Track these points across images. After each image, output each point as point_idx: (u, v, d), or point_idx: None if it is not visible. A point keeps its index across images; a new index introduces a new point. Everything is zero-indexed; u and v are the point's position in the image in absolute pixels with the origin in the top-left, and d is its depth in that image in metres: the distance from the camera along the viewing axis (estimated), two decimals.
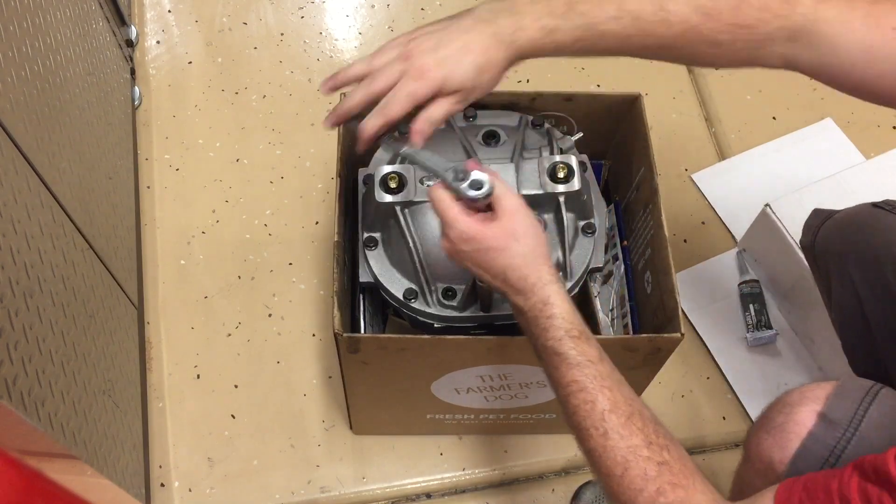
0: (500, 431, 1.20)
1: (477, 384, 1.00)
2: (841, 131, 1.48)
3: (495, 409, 1.09)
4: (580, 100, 1.03)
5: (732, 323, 1.31)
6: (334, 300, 0.87)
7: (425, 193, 0.89)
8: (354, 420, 1.17)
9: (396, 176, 0.89)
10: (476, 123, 1.00)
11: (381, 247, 0.94)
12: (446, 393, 1.03)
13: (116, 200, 1.20)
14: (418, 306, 0.92)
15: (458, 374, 0.97)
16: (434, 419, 1.13)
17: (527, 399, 1.05)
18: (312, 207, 1.38)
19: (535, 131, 0.99)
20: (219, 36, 1.55)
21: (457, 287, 0.91)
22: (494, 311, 0.91)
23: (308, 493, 1.17)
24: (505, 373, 0.97)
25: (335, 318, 0.86)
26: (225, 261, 1.33)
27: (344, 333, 0.86)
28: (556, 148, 0.96)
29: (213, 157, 1.42)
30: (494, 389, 1.02)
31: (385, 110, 0.75)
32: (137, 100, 1.45)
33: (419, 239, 0.90)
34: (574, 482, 1.19)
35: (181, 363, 1.25)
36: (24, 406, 0.70)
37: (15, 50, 0.83)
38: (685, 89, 1.55)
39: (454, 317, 0.91)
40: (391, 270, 0.93)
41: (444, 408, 1.08)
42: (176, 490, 1.16)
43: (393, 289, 0.93)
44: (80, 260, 0.96)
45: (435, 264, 0.90)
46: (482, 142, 0.96)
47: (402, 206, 0.89)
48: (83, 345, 0.92)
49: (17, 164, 0.80)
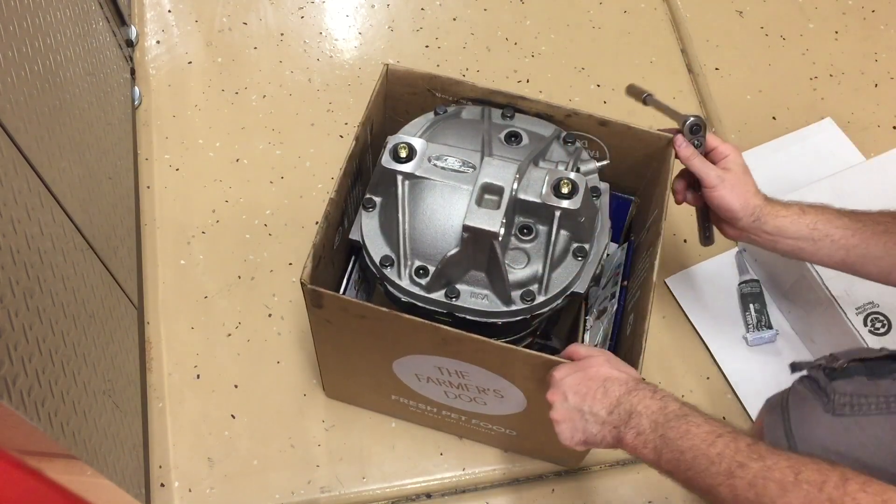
0: (463, 435, 1.20)
1: (436, 375, 1.00)
2: (841, 131, 1.48)
3: (456, 408, 1.09)
4: (614, 128, 1.01)
5: (732, 323, 1.31)
6: (311, 252, 0.89)
7: (429, 171, 0.90)
8: (326, 383, 1.19)
9: (408, 147, 0.90)
10: (510, 123, 1.00)
11: (377, 210, 0.95)
12: (408, 376, 1.03)
13: (116, 200, 1.20)
14: (390, 275, 0.92)
15: (417, 358, 0.97)
16: (399, 402, 1.13)
17: (485, 406, 1.05)
18: (312, 207, 1.38)
19: (564, 147, 0.99)
20: (219, 36, 1.55)
21: (430, 267, 0.91)
22: (459, 301, 0.91)
23: (308, 493, 1.17)
24: (461, 370, 0.96)
25: (305, 269, 0.88)
26: (225, 261, 1.33)
27: (309, 285, 0.87)
28: (576, 167, 0.95)
29: (213, 157, 1.42)
30: (453, 386, 1.02)
31: None
32: (137, 100, 1.45)
33: (410, 212, 0.91)
34: (574, 482, 1.19)
35: (181, 363, 1.25)
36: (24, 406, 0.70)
37: (15, 50, 0.83)
38: (685, 89, 1.55)
39: (419, 295, 0.92)
40: (378, 235, 0.95)
41: (406, 392, 1.09)
42: (176, 490, 1.16)
43: (374, 252, 0.94)
44: (80, 260, 0.96)
45: (417, 239, 0.91)
46: (504, 140, 0.97)
47: (403, 176, 0.90)
48: (83, 345, 0.92)
49: (17, 164, 0.80)
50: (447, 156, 0.91)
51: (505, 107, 1.02)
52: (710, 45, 1.60)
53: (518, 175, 0.89)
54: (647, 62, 1.58)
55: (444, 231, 0.90)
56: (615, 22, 1.63)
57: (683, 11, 1.64)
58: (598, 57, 1.57)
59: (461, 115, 1.01)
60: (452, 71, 1.53)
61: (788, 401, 0.88)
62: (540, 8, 1.63)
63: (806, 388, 0.89)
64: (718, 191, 0.95)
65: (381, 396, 1.15)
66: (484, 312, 0.91)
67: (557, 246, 0.91)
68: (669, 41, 1.61)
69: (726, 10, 1.65)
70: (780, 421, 0.87)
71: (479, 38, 1.58)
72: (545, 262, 0.91)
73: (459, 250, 0.88)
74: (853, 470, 0.66)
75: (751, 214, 0.94)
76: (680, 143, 0.97)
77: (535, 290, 0.91)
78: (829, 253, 0.93)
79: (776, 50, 1.61)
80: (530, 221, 0.91)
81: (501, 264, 0.88)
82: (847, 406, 0.84)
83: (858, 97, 1.55)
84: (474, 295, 0.92)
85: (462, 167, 0.91)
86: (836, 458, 0.80)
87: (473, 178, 0.90)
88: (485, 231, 0.86)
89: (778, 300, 1.31)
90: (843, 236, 0.92)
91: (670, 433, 0.75)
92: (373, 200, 0.95)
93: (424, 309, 0.93)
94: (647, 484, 1.20)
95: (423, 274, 0.91)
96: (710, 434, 0.73)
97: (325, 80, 1.51)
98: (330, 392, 1.22)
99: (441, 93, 1.03)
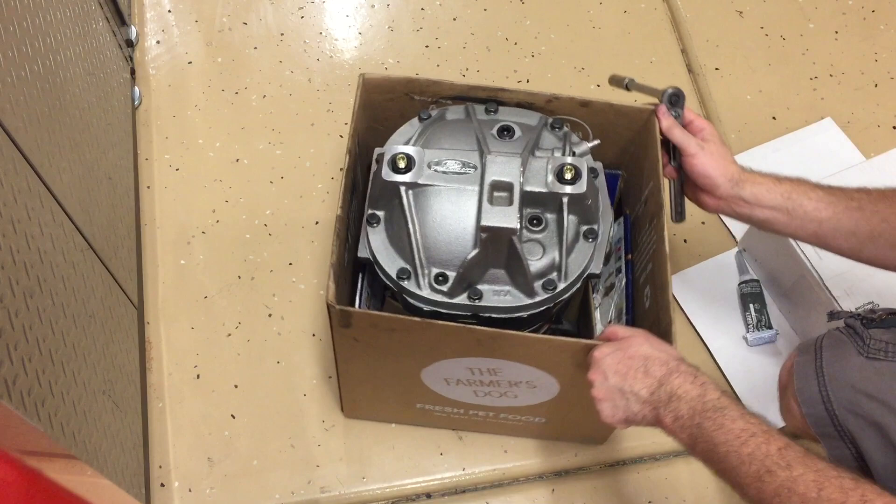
0: (490, 431, 1.20)
1: (466, 376, 1.00)
2: (841, 131, 1.48)
3: (484, 405, 1.09)
4: (596, 107, 1.03)
5: (732, 323, 1.31)
6: (330, 272, 0.88)
7: (431, 177, 0.90)
8: (346, 402, 1.18)
9: (405, 157, 0.90)
10: (496, 118, 1.01)
11: (382, 225, 0.95)
12: (436, 382, 1.03)
13: (116, 200, 1.20)
14: (409, 287, 0.92)
15: (448, 362, 0.97)
16: (424, 409, 1.13)
17: (516, 399, 1.05)
18: (312, 207, 1.38)
19: (553, 133, 0.99)
20: (219, 36, 1.55)
21: (449, 273, 0.91)
22: (483, 302, 0.92)
23: (308, 493, 1.17)
24: (494, 367, 0.97)
25: (329, 290, 0.87)
26: (225, 261, 1.33)
27: (336, 306, 0.87)
28: (570, 151, 0.96)
29: (213, 157, 1.42)
30: (484, 385, 1.02)
31: None
32: (137, 100, 1.45)
33: (419, 221, 0.90)
34: (574, 482, 1.19)
35: (181, 363, 1.25)
36: (24, 406, 0.70)
37: (15, 50, 0.83)
38: (685, 89, 1.54)
39: (443, 302, 0.92)
40: (389, 249, 0.94)
41: (433, 398, 1.08)
42: (176, 490, 1.16)
43: (388, 267, 0.93)
44: (80, 260, 0.96)
45: (431, 248, 0.91)
46: (497, 135, 0.97)
47: (406, 186, 0.90)
48: (83, 345, 0.92)
49: (17, 164, 0.80)
50: (446, 159, 0.91)
51: (487, 101, 1.02)
52: (710, 45, 1.60)
53: (522, 168, 0.90)
54: (647, 62, 1.58)
55: (457, 235, 0.90)
56: (615, 22, 1.63)
57: (683, 11, 1.64)
58: (598, 57, 1.57)
59: (446, 117, 1.01)
60: (452, 71, 1.53)
61: (823, 342, 0.89)
62: (540, 8, 1.63)
63: (842, 332, 0.89)
64: (699, 157, 0.96)
65: (406, 407, 1.14)
66: (509, 308, 0.92)
67: (569, 231, 0.92)
68: (669, 41, 1.61)
69: (726, 10, 1.65)
70: (813, 360, 0.87)
71: (479, 38, 1.58)
72: (560, 249, 0.92)
73: (479, 251, 0.88)
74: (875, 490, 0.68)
75: (729, 180, 0.96)
76: (662, 113, 0.99)
77: (555, 279, 0.92)
78: (802, 224, 0.94)
79: (776, 50, 1.61)
80: (538, 211, 0.92)
81: (523, 258, 0.88)
82: (881, 352, 0.84)
83: (858, 97, 1.55)
84: (496, 293, 0.92)
85: (463, 168, 0.91)
86: (865, 399, 0.82)
87: (477, 178, 0.90)
88: (503, 229, 0.86)
89: (778, 300, 1.31)
90: (816, 208, 0.93)
91: (706, 423, 0.76)
92: (376, 215, 0.95)
93: (448, 315, 0.93)
94: (648, 484, 1.20)
95: (443, 280, 0.91)
96: (744, 432, 0.74)
97: (325, 80, 1.51)
98: (350, 412, 1.20)
99: (420, 95, 1.03)
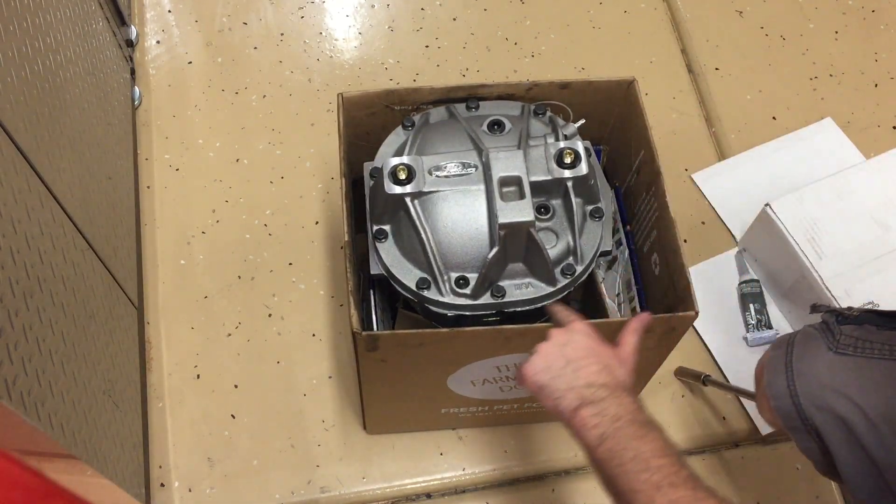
0: (512, 422, 1.20)
1: (493, 375, 1.00)
2: (841, 131, 1.48)
3: (509, 399, 1.09)
4: (576, 87, 1.03)
5: (732, 323, 1.31)
6: (350, 300, 0.87)
7: (434, 184, 0.90)
8: (369, 420, 1.17)
9: (405, 168, 0.90)
10: (479, 114, 1.01)
11: (390, 239, 0.94)
12: (462, 386, 1.03)
13: (116, 200, 1.20)
14: (431, 296, 0.91)
15: (475, 365, 0.97)
16: (449, 413, 1.13)
17: None
18: (312, 207, 1.38)
19: (538, 119, 1.00)
20: (219, 36, 1.55)
21: (469, 276, 0.91)
22: (507, 297, 0.92)
23: (308, 493, 1.17)
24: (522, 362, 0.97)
25: (352, 318, 0.86)
26: (225, 261, 1.33)
27: (363, 332, 0.86)
28: (560, 135, 0.97)
29: (213, 157, 1.42)
30: (510, 379, 1.02)
31: None
32: (137, 100, 1.45)
33: (431, 229, 0.90)
34: (574, 482, 1.19)
35: (181, 363, 1.25)
36: (24, 406, 0.70)
37: (15, 50, 0.83)
38: (685, 89, 1.55)
39: (468, 304, 0.91)
40: (402, 261, 0.94)
41: (459, 401, 1.08)
42: (176, 490, 1.16)
43: (405, 279, 0.93)
44: (80, 260, 0.96)
45: (447, 253, 0.91)
46: (487, 130, 0.97)
47: (412, 196, 0.90)
48: (83, 345, 0.92)
49: (17, 164, 0.80)
50: (445, 163, 0.91)
51: (468, 99, 1.02)
52: (710, 45, 1.60)
53: (526, 160, 0.90)
54: (647, 62, 1.58)
55: (471, 236, 0.90)
56: (615, 22, 1.63)
57: (683, 11, 1.64)
58: (598, 57, 1.57)
59: (430, 121, 1.01)
60: (452, 71, 1.53)
61: (795, 338, 0.88)
62: (540, 8, 1.63)
63: (815, 328, 0.89)
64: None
65: (431, 414, 1.14)
66: (533, 300, 0.92)
67: (578, 214, 0.93)
68: (669, 41, 1.61)
69: (726, 10, 1.65)
70: (783, 355, 0.87)
71: (479, 38, 1.58)
72: (573, 232, 0.92)
73: (499, 249, 0.88)
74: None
75: None
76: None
77: (572, 262, 0.92)
78: None
79: (776, 50, 1.61)
80: (543, 199, 0.92)
81: (542, 248, 0.89)
82: (851, 347, 0.83)
83: (858, 97, 1.55)
84: (518, 287, 0.92)
85: (464, 170, 0.91)
86: (831, 394, 0.81)
87: (480, 177, 0.90)
88: (522, 223, 0.86)
89: (778, 300, 1.31)
90: None
91: (627, 429, 0.73)
92: (383, 231, 0.94)
93: (472, 316, 0.93)
94: None
95: (464, 284, 0.91)
96: (662, 451, 0.72)
97: (325, 80, 1.51)
98: (373, 429, 1.20)
99: (400, 105, 1.03)
